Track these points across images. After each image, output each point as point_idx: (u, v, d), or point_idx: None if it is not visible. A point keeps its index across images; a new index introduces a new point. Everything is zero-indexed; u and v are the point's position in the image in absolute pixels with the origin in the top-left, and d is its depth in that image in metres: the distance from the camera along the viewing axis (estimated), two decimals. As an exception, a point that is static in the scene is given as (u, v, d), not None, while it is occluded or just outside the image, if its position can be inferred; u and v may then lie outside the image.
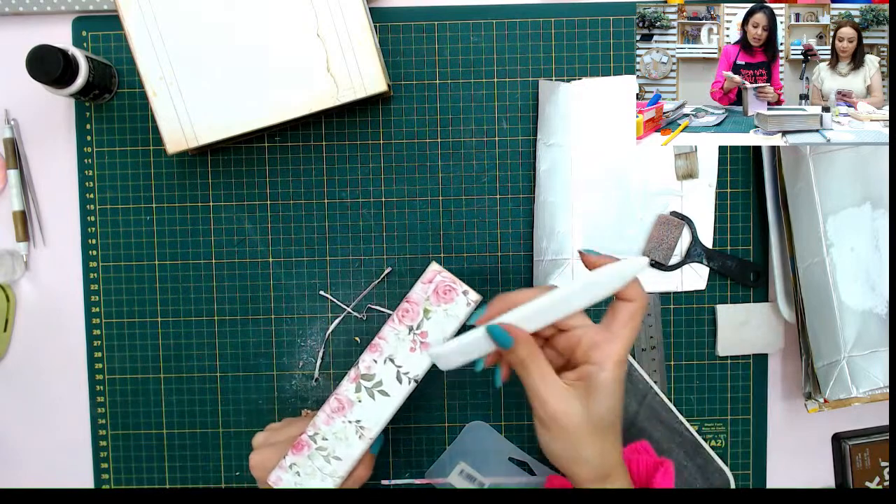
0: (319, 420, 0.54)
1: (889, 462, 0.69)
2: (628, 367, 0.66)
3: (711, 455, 0.66)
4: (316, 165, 0.68)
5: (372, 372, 0.54)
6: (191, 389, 0.69)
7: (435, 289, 0.54)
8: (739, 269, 0.67)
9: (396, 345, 0.54)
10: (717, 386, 0.69)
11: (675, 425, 0.66)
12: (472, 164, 0.68)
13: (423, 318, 0.54)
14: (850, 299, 0.60)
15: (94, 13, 0.67)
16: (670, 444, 0.66)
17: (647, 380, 0.66)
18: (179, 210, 0.68)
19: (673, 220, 0.66)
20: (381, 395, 0.54)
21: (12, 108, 0.68)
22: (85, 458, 0.70)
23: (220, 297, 0.68)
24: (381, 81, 0.61)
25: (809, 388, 0.64)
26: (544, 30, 0.67)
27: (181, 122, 0.60)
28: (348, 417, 0.54)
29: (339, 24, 0.59)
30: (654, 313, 0.68)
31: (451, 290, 0.54)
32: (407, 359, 0.54)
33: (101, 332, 0.69)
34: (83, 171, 0.68)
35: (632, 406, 0.66)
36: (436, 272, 0.54)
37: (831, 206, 0.60)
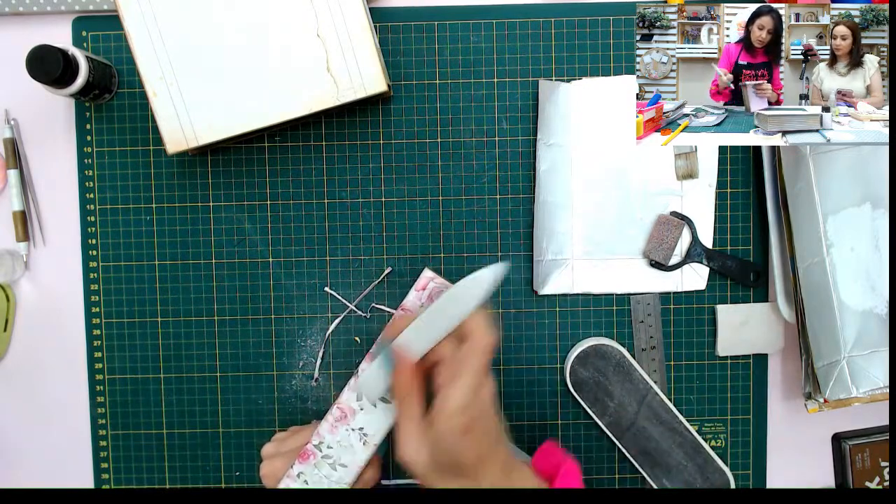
0: (323, 429, 0.54)
1: (889, 462, 0.69)
2: (627, 368, 0.66)
3: (711, 455, 0.66)
4: (316, 165, 0.68)
5: None
6: (191, 389, 0.69)
7: (429, 295, 0.54)
8: (739, 269, 0.67)
9: None
10: (717, 386, 0.69)
11: (675, 425, 0.66)
12: (472, 164, 0.68)
13: None
14: (850, 299, 0.60)
15: (94, 13, 0.67)
16: (670, 444, 0.66)
17: (646, 380, 0.66)
18: (179, 210, 0.68)
19: (673, 220, 0.66)
20: (382, 402, 0.54)
21: (12, 108, 0.68)
22: (85, 458, 0.70)
23: (220, 297, 0.68)
24: (381, 81, 0.60)
25: (809, 388, 0.64)
26: (544, 30, 0.67)
27: (181, 122, 0.60)
28: (351, 425, 0.54)
29: (339, 24, 0.59)
30: (654, 313, 0.68)
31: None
32: None
33: (101, 332, 0.69)
34: (83, 171, 0.68)
35: (632, 406, 0.66)
36: (429, 279, 0.54)
37: (831, 206, 0.60)
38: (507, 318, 0.68)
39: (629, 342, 0.68)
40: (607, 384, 0.66)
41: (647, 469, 0.67)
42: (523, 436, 0.69)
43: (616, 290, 0.68)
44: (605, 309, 0.68)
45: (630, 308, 0.68)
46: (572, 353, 0.67)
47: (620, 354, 0.66)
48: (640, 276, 0.68)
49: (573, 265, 0.67)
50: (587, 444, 0.69)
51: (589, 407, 0.67)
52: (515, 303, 0.68)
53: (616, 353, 0.66)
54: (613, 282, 0.68)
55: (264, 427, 0.69)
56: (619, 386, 0.66)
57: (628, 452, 0.67)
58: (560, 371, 0.68)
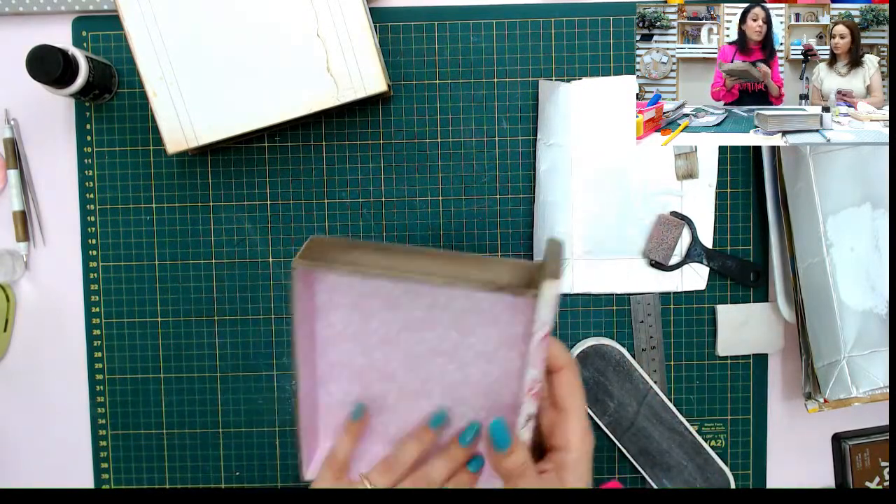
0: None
1: (889, 462, 0.69)
2: (627, 368, 0.66)
3: (711, 455, 0.66)
4: (316, 165, 0.68)
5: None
6: (191, 389, 0.69)
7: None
8: (739, 269, 0.67)
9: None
10: (717, 386, 0.69)
11: (675, 425, 0.66)
12: (472, 164, 0.68)
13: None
14: (850, 299, 0.60)
15: (94, 13, 0.67)
16: (670, 444, 0.66)
17: (647, 380, 0.66)
18: (179, 210, 0.68)
19: (673, 220, 0.66)
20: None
21: (12, 108, 0.68)
22: (85, 458, 0.70)
23: (220, 297, 0.68)
24: (381, 81, 0.61)
25: (809, 388, 0.64)
26: (544, 30, 0.67)
27: (181, 122, 0.60)
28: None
29: (339, 24, 0.59)
30: (654, 313, 0.68)
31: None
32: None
33: (101, 332, 0.69)
34: (83, 171, 0.68)
35: (632, 406, 0.66)
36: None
37: (831, 206, 0.60)
38: (507, 318, 0.68)
39: (629, 342, 0.68)
40: (607, 384, 0.66)
41: (647, 469, 0.67)
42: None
43: (616, 290, 0.68)
44: (605, 309, 0.68)
45: (630, 308, 0.68)
46: (572, 353, 0.67)
47: (620, 354, 0.66)
48: (640, 276, 0.68)
49: (573, 265, 0.67)
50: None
51: (589, 407, 0.67)
52: (515, 303, 0.68)
53: (616, 353, 0.66)
54: (613, 282, 0.68)
55: (264, 427, 0.69)
56: (619, 386, 0.66)
57: (628, 452, 0.67)
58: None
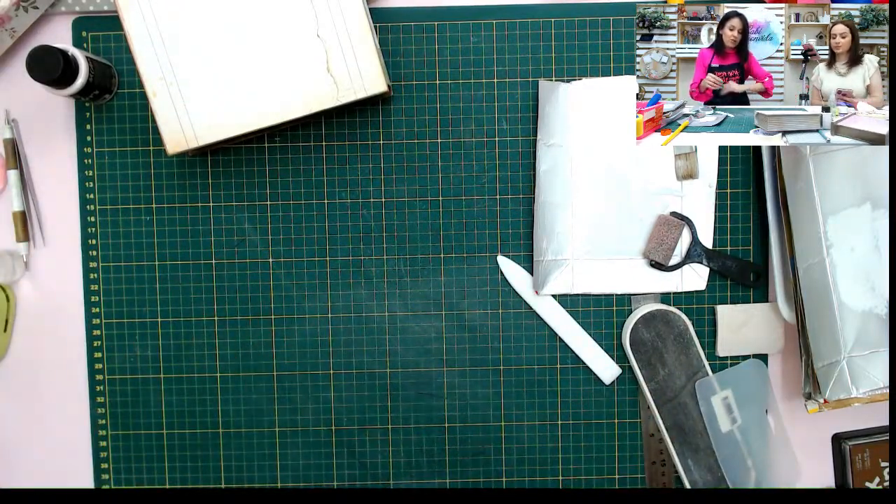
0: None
1: (889, 462, 0.69)
2: (687, 341, 0.66)
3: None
4: (316, 165, 0.68)
5: None
6: (191, 389, 0.69)
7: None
8: (739, 269, 0.67)
9: None
10: (717, 386, 0.69)
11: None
12: (472, 164, 0.68)
13: None
14: (850, 299, 0.60)
15: (94, 13, 0.67)
16: (705, 427, 0.67)
17: (702, 357, 0.67)
18: (179, 210, 0.68)
19: (673, 221, 0.66)
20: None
21: (12, 108, 0.68)
22: (85, 458, 0.70)
23: (220, 297, 0.68)
24: (381, 82, 0.61)
25: (809, 389, 0.64)
26: (544, 30, 0.67)
27: (181, 123, 0.60)
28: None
29: (339, 24, 0.59)
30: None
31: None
32: None
33: (101, 333, 0.69)
34: (83, 171, 0.68)
35: (680, 379, 0.67)
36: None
37: (831, 206, 0.60)
38: (507, 318, 0.68)
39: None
40: (664, 351, 0.67)
41: (675, 444, 0.67)
42: (523, 436, 0.69)
43: (616, 290, 0.68)
44: (605, 309, 0.68)
45: (630, 308, 0.68)
46: (638, 313, 0.67)
47: (685, 325, 0.66)
48: (640, 277, 0.68)
49: (573, 265, 0.67)
50: (586, 445, 0.69)
51: (640, 368, 0.67)
52: (515, 303, 0.68)
53: (681, 323, 0.66)
54: (613, 282, 0.68)
55: (264, 427, 0.69)
56: (675, 356, 0.67)
57: (663, 423, 0.67)
58: (560, 372, 0.69)
